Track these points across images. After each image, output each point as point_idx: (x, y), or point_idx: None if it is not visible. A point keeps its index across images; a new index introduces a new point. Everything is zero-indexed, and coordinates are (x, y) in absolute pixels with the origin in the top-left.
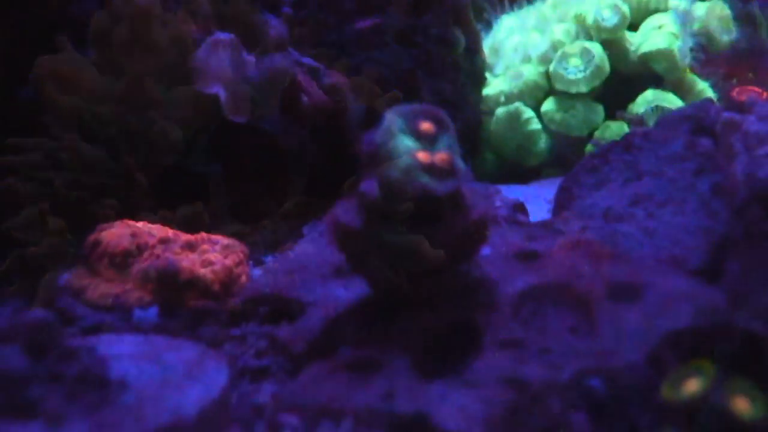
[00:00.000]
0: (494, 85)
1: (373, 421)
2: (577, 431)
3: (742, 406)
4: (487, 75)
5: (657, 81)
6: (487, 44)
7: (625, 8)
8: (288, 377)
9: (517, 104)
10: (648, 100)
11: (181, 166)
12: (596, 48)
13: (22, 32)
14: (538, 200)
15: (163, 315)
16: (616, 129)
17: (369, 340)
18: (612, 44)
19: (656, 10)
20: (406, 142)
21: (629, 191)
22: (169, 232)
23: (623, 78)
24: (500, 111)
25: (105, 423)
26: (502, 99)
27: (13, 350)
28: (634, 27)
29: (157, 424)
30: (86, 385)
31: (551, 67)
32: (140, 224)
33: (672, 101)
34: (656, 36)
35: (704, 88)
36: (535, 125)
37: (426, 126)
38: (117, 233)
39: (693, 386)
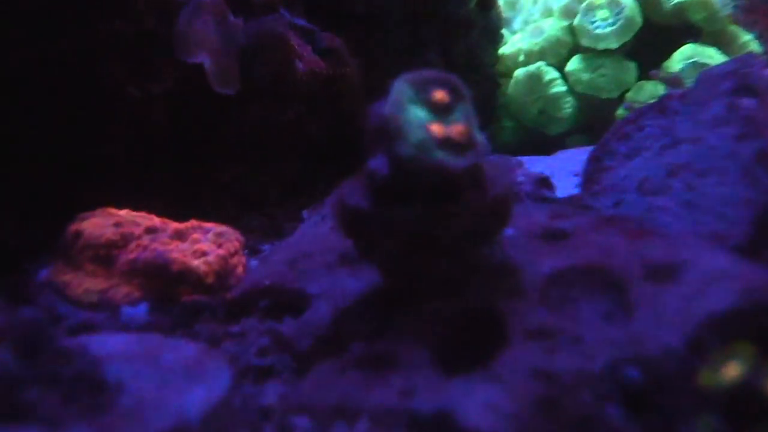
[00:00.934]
0: (512, 43)
1: (390, 421)
2: (612, 425)
3: None
4: (504, 31)
5: (695, 34)
6: None
7: None
8: (295, 377)
9: (539, 64)
10: (685, 55)
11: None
12: None
13: None
14: (564, 173)
15: (153, 312)
16: (651, 89)
17: (383, 334)
18: None
19: None
20: (417, 114)
21: (665, 160)
22: (156, 220)
23: (657, 31)
24: (519, 72)
25: (105, 427)
26: (521, 58)
27: (3, 351)
28: None
29: (159, 427)
30: (82, 387)
31: (576, 21)
32: (123, 212)
33: (712, 56)
34: None
35: (748, 41)
36: (559, 87)
37: (439, 95)
38: (99, 223)
39: (734, 371)
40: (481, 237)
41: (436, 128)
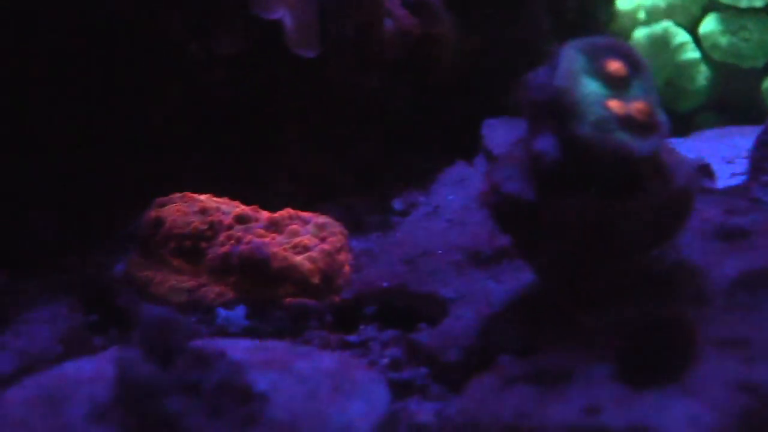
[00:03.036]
0: None
1: None
2: None
3: None
4: None
5: None
6: None
7: None
8: (445, 392)
9: (665, 24)
10: None
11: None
12: None
13: None
14: (712, 159)
15: (252, 315)
16: None
17: (547, 345)
18: None
19: None
20: (593, 88)
21: None
22: (246, 208)
23: None
24: (640, 33)
25: None
26: (642, 16)
27: (136, 355)
28: None
29: None
30: (227, 397)
31: None
32: (204, 197)
33: None
34: None
35: None
36: (691, 53)
37: (615, 66)
38: (182, 210)
39: None
40: (661, 234)
41: (616, 105)
